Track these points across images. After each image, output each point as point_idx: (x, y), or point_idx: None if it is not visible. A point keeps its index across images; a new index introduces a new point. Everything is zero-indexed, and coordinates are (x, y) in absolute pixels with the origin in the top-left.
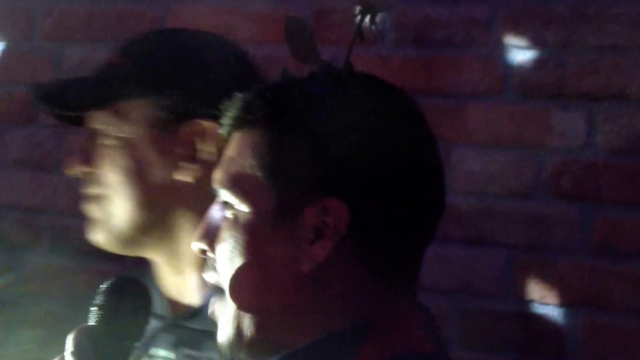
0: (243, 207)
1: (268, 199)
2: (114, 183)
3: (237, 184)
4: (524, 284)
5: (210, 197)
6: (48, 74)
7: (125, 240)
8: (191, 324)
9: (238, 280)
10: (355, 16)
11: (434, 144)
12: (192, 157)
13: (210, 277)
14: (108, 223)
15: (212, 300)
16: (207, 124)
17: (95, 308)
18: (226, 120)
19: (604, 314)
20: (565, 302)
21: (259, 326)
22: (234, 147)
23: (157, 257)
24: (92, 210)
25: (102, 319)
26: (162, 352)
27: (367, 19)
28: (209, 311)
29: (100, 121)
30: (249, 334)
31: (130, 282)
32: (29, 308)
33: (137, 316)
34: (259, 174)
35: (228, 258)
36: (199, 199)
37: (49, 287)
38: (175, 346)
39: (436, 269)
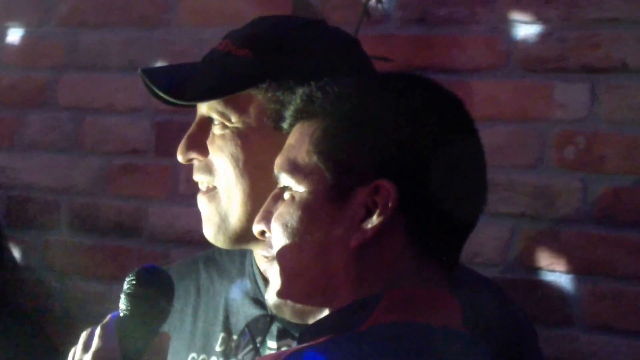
0: (300, 188)
1: (323, 180)
2: (227, 175)
3: (296, 168)
4: (530, 253)
5: None
6: (63, 58)
7: (236, 237)
8: None
9: (290, 249)
10: None
11: (476, 134)
12: None
13: (266, 252)
14: (220, 219)
15: (264, 267)
16: None
17: (123, 295)
18: (288, 113)
19: (607, 280)
20: (570, 270)
21: (303, 295)
22: (294, 136)
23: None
24: (204, 206)
25: (129, 305)
26: (267, 342)
27: None
28: (262, 269)
29: (212, 110)
30: (294, 301)
31: (154, 270)
32: (24, 299)
33: (161, 301)
34: (315, 158)
35: (282, 232)
36: None
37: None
38: (277, 337)
39: None
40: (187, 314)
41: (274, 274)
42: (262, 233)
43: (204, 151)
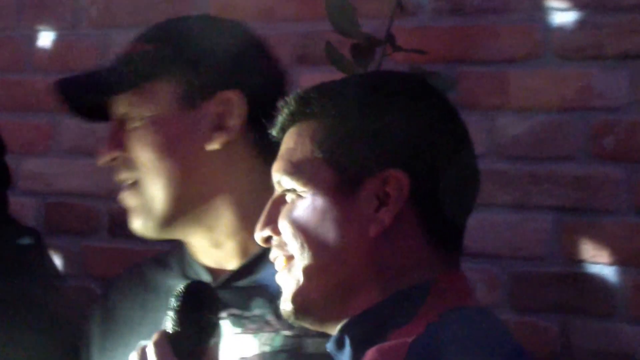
0: (306, 188)
1: (330, 177)
2: (147, 163)
3: (299, 169)
4: (571, 246)
5: (242, 164)
6: (95, 60)
7: (164, 222)
8: (231, 285)
9: (306, 249)
10: None
11: (463, 122)
12: (220, 126)
13: (276, 253)
14: (146, 208)
15: (276, 274)
16: (231, 93)
17: (172, 312)
18: (281, 118)
19: None
20: (613, 262)
21: (326, 293)
22: (291, 139)
23: (194, 236)
24: (128, 199)
25: (179, 321)
26: None
27: None
28: (276, 278)
29: (126, 105)
30: (316, 301)
31: (198, 285)
32: (45, 309)
33: (209, 314)
34: (320, 156)
35: (295, 233)
36: (233, 168)
37: (109, 269)
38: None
39: (484, 234)
40: (134, 309)
41: (289, 278)
42: (267, 239)
43: (122, 148)
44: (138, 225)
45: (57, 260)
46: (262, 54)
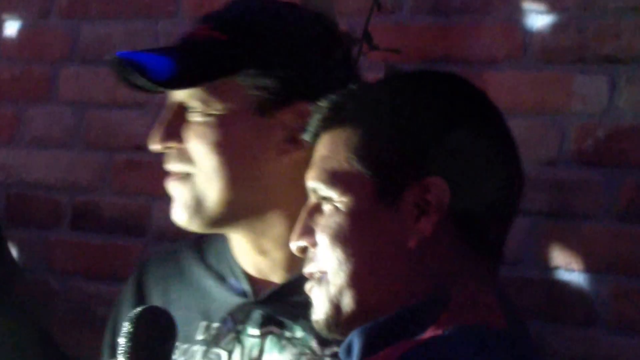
0: (344, 198)
1: (368, 185)
2: (206, 162)
3: (336, 178)
4: (549, 251)
5: (300, 176)
6: (64, 51)
7: (212, 221)
8: (276, 301)
9: (344, 261)
10: None
11: (506, 124)
12: (291, 140)
13: (311, 268)
14: (195, 204)
15: (308, 284)
16: (308, 105)
17: (124, 339)
18: (313, 124)
19: (631, 279)
20: (591, 268)
21: (359, 303)
22: (325, 146)
23: (240, 236)
24: (177, 189)
25: (131, 349)
26: (248, 329)
27: None
28: (306, 288)
29: (197, 97)
30: (349, 311)
31: (154, 311)
32: (25, 301)
33: (163, 343)
34: (356, 165)
35: (333, 244)
36: (292, 181)
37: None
38: (260, 323)
39: None
40: (171, 302)
41: (322, 292)
42: (303, 250)
43: (180, 139)
44: (183, 218)
45: (18, 253)
46: (341, 57)
